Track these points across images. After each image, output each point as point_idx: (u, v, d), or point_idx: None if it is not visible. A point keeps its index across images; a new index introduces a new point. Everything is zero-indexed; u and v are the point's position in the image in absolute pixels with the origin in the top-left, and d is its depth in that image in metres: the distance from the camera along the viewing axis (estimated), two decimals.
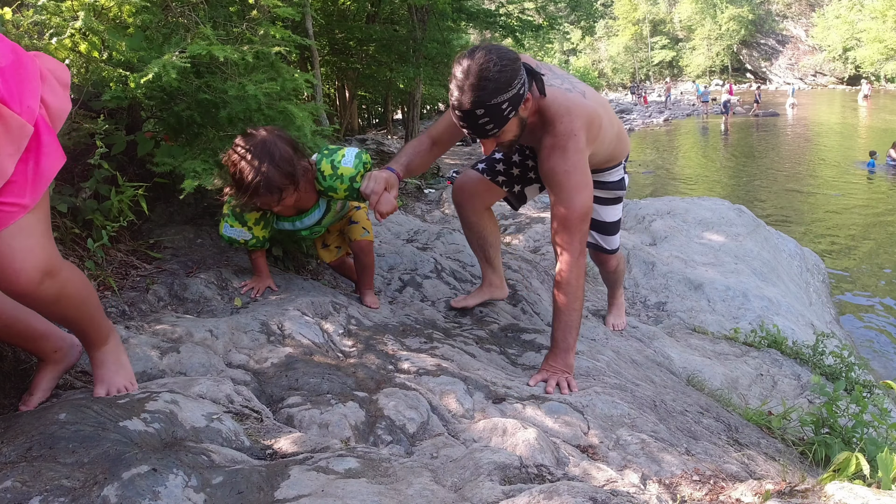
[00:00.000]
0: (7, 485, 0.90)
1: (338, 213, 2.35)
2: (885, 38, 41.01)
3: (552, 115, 1.94)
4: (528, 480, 1.10)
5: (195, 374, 1.60)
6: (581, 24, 17.63)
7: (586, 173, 1.97)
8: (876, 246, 9.02)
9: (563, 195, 1.94)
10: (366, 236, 2.40)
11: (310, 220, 2.25)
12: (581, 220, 1.95)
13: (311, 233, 2.33)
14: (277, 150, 1.94)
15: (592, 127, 1.98)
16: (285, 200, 2.01)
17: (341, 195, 2.12)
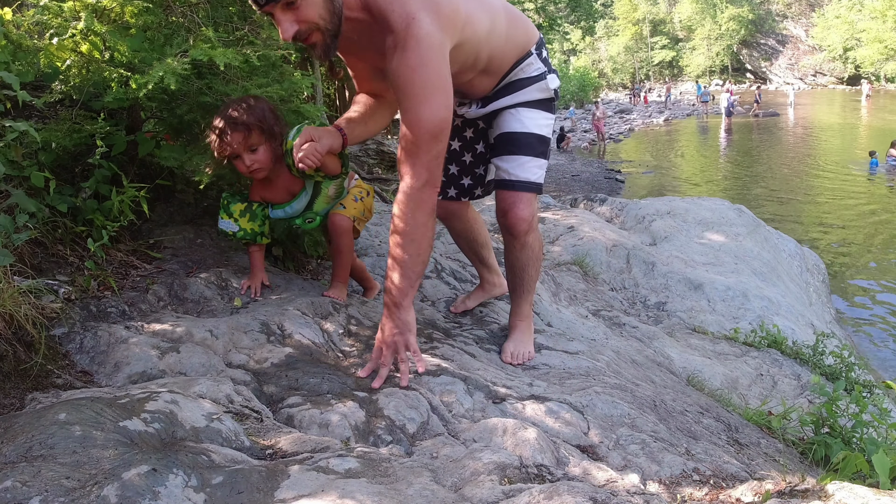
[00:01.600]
0: (7, 485, 0.90)
1: (332, 198, 2.23)
2: (885, 38, 41.00)
3: (382, 6, 1.56)
4: (528, 480, 1.10)
5: (195, 374, 1.60)
6: (581, 24, 17.64)
7: (440, 73, 1.56)
8: (876, 246, 9.01)
9: (406, 103, 1.56)
10: (341, 210, 2.22)
11: (298, 204, 2.18)
12: (430, 136, 1.56)
13: (304, 220, 2.22)
14: (253, 99, 1.98)
15: (442, 7, 1.57)
16: (258, 155, 1.97)
17: (295, 172, 2.02)
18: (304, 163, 1.84)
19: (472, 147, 2.27)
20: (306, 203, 2.20)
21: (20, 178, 1.96)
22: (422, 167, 1.60)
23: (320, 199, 2.20)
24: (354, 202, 2.28)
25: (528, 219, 2.02)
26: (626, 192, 12.64)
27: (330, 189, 2.21)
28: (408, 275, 1.65)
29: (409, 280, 1.65)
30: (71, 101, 2.30)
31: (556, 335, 2.43)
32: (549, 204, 6.11)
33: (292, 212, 2.21)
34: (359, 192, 2.31)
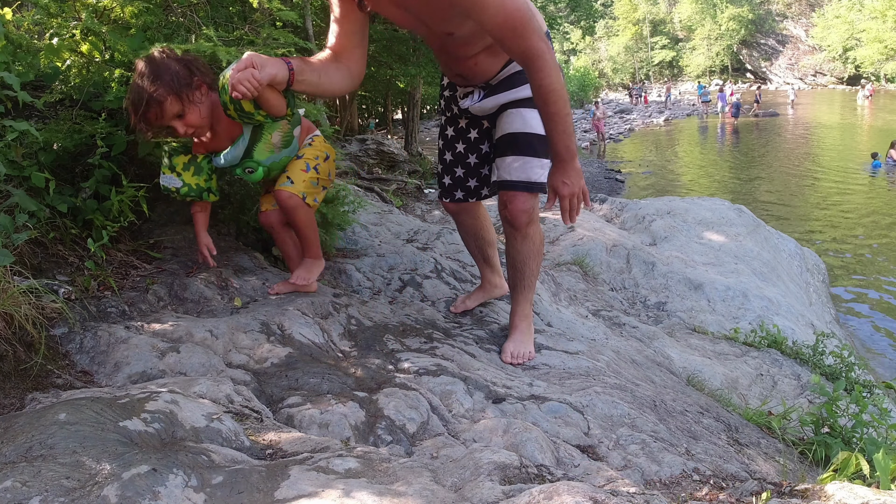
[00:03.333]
0: (7, 485, 0.90)
1: (276, 147, 1.99)
2: (885, 38, 41.02)
3: None
4: (528, 480, 1.10)
5: (195, 374, 1.60)
6: (581, 24, 17.64)
7: None
8: (876, 246, 9.01)
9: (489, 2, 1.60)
10: (287, 186, 2.01)
11: (236, 150, 1.97)
12: (526, 19, 1.64)
13: (244, 170, 1.99)
14: (153, 63, 1.80)
15: None
16: (188, 118, 1.84)
17: (232, 112, 1.84)
18: (238, 90, 1.66)
19: (476, 148, 2.27)
20: (244, 149, 1.97)
21: (20, 178, 1.96)
22: (539, 41, 1.67)
23: (261, 145, 1.97)
24: (304, 172, 2.05)
25: (528, 211, 2.07)
26: (626, 192, 12.64)
27: (273, 135, 1.98)
28: (571, 130, 1.83)
29: (571, 136, 1.84)
30: (71, 101, 2.30)
31: (556, 335, 2.43)
32: None
33: (231, 159, 1.98)
34: (314, 155, 2.10)
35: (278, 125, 1.96)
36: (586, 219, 5.11)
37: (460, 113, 2.24)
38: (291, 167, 2.06)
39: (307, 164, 2.06)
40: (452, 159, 2.31)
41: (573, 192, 1.86)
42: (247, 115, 1.84)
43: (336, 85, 1.88)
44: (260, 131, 1.95)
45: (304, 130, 2.10)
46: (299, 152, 2.07)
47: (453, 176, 2.31)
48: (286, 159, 2.02)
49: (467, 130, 2.27)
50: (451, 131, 2.30)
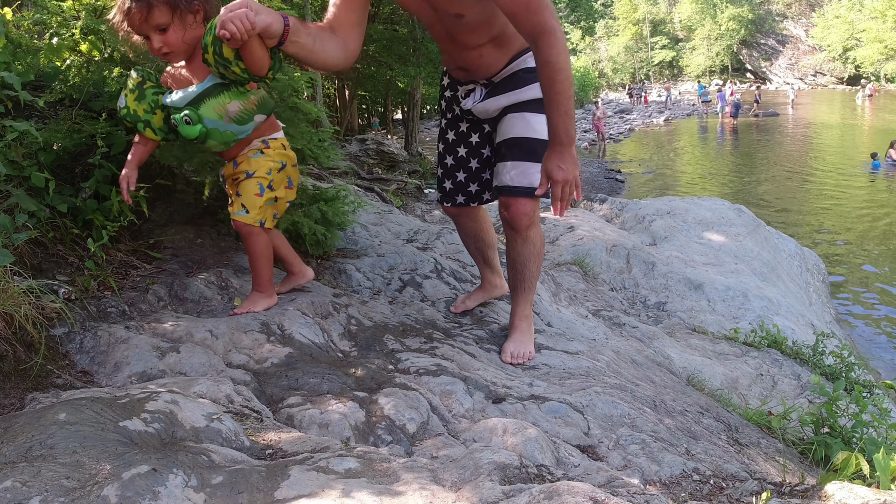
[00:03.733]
0: (7, 485, 0.90)
1: (228, 116, 1.79)
2: (885, 38, 41.02)
3: None
4: (528, 480, 1.10)
5: (195, 374, 1.60)
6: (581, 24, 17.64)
7: None
8: (877, 246, 9.01)
9: None
10: (242, 216, 1.88)
11: (186, 93, 1.78)
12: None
13: (182, 117, 1.79)
14: None
15: None
16: (167, 36, 1.69)
17: (210, 55, 1.68)
18: (227, 28, 1.53)
19: (478, 153, 2.24)
20: (195, 96, 1.78)
21: (20, 178, 1.96)
22: (551, 18, 1.65)
23: (213, 102, 1.78)
24: (258, 196, 1.88)
25: (529, 213, 2.06)
26: (626, 192, 12.64)
27: (232, 102, 1.80)
28: (571, 113, 1.76)
29: (573, 119, 1.77)
30: (71, 101, 2.30)
31: (556, 335, 2.43)
32: (549, 204, 6.10)
33: (178, 100, 1.79)
34: (265, 170, 1.91)
35: (246, 97, 1.80)
36: (586, 219, 5.11)
37: (462, 115, 2.20)
38: (244, 190, 1.89)
39: (260, 186, 1.89)
40: (454, 163, 2.27)
41: (567, 178, 1.80)
42: (224, 61, 1.67)
43: (330, 55, 1.76)
44: (221, 89, 1.77)
45: (267, 127, 1.94)
46: (250, 167, 1.88)
47: (454, 180, 2.28)
48: (230, 137, 1.82)
49: (468, 134, 2.24)
50: (453, 135, 2.27)
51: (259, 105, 1.85)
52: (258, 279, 2.02)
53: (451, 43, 1.97)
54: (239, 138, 1.87)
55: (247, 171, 1.90)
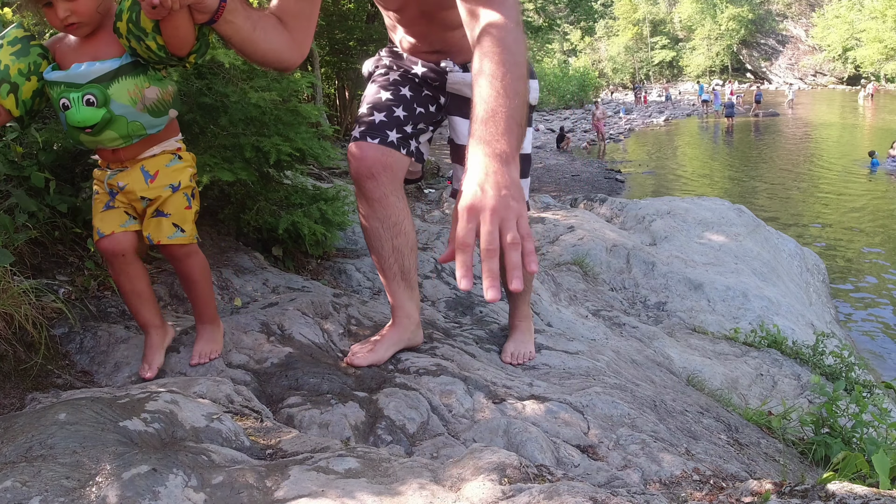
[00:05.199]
0: (7, 485, 0.90)
1: (140, 102, 1.45)
2: (885, 37, 41.03)
3: None
4: (528, 480, 1.10)
5: (195, 374, 1.60)
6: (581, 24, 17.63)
7: None
8: (877, 245, 9.02)
9: None
10: (180, 238, 1.57)
11: (91, 68, 1.41)
12: None
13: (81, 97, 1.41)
14: None
15: None
16: (76, 4, 1.37)
17: (124, 22, 1.37)
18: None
19: (425, 104, 1.82)
20: (107, 70, 1.42)
21: (20, 178, 1.96)
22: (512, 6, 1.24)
23: (127, 82, 1.44)
24: (188, 210, 1.59)
25: None
26: (626, 192, 12.64)
27: (150, 89, 1.48)
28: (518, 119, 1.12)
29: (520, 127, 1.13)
30: None
31: (556, 335, 2.43)
32: (549, 204, 6.12)
33: (80, 74, 1.42)
34: (188, 176, 1.62)
35: (165, 84, 1.50)
36: (586, 219, 5.11)
37: (420, 80, 1.80)
38: (173, 206, 1.56)
39: (187, 198, 1.60)
40: (392, 99, 1.77)
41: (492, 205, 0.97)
42: (139, 32, 1.37)
43: (273, 46, 1.46)
44: (140, 69, 1.45)
45: (172, 126, 1.62)
46: (173, 178, 1.56)
47: (390, 114, 1.75)
48: (137, 130, 1.48)
49: (421, 87, 1.81)
50: (397, 76, 1.81)
51: (175, 98, 1.55)
52: (206, 307, 1.70)
53: (429, 24, 1.69)
54: (147, 134, 1.51)
55: (171, 184, 1.56)
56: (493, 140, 1.05)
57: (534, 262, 0.98)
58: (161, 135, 1.56)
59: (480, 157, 1.04)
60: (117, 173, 1.55)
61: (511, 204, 0.98)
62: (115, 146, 1.50)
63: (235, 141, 2.37)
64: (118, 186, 1.55)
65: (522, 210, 1.01)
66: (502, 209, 0.97)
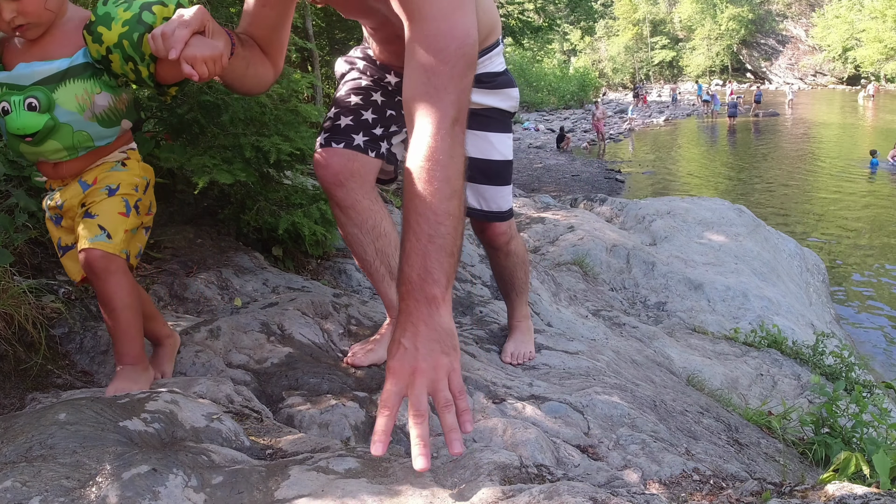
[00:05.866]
0: (7, 485, 0.90)
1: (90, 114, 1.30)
2: (885, 37, 41.04)
3: None
4: (528, 480, 1.10)
5: (195, 374, 1.60)
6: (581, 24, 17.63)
7: None
8: (877, 245, 9.01)
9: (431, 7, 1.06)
10: (102, 242, 1.32)
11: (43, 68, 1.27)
12: (463, 54, 1.05)
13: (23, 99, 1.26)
14: None
15: None
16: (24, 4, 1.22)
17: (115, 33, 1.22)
18: (199, 69, 1.17)
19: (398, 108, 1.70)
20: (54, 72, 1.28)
21: (20, 178, 1.96)
22: (450, 102, 1.05)
23: (75, 86, 1.29)
24: (124, 216, 1.36)
25: (506, 231, 1.90)
26: (626, 192, 12.64)
27: (101, 94, 1.31)
28: (449, 248, 0.99)
29: (451, 256, 0.99)
30: None
31: (556, 335, 2.43)
32: (549, 204, 6.12)
33: (17, 77, 1.28)
34: (131, 184, 1.41)
35: (118, 92, 1.33)
36: (586, 219, 5.11)
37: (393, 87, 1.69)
38: (103, 209, 1.34)
39: (126, 204, 1.37)
40: (361, 103, 1.68)
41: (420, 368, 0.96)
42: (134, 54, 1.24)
43: (260, 81, 1.42)
44: (91, 73, 1.30)
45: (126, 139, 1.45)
46: (111, 181, 1.37)
47: (358, 117, 1.65)
48: (84, 141, 1.32)
49: (394, 95, 1.70)
50: (370, 82, 1.71)
51: (128, 108, 1.38)
52: (130, 342, 1.40)
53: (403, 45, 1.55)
54: (95, 146, 1.35)
55: (107, 185, 1.37)
56: (419, 282, 0.97)
57: (468, 423, 0.97)
58: (110, 147, 1.39)
59: (407, 305, 0.98)
60: (56, 193, 1.38)
61: (440, 361, 0.95)
62: (57, 159, 1.33)
63: (235, 141, 2.37)
64: (58, 207, 1.38)
65: (454, 363, 0.96)
66: (430, 370, 0.94)
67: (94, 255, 1.30)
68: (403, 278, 1.00)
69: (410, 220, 1.01)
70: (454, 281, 1.06)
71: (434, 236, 0.98)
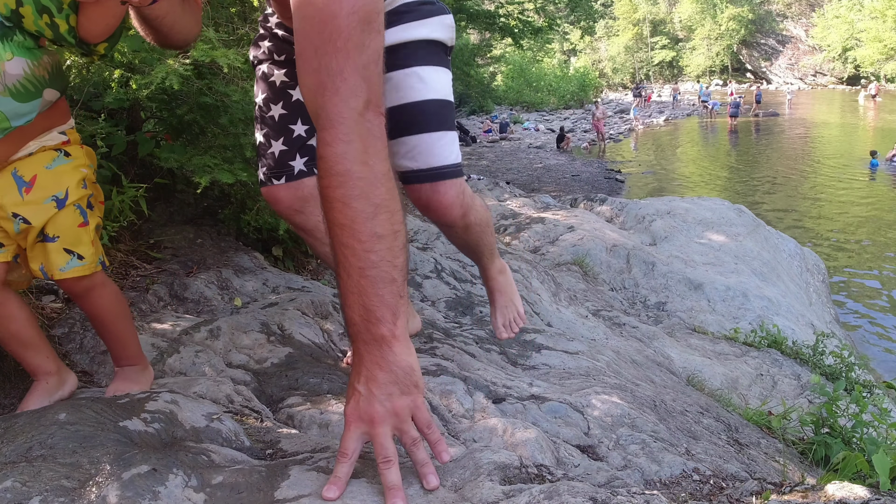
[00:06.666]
0: (7, 485, 0.90)
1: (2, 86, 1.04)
2: (885, 37, 41.04)
3: None
4: (528, 480, 1.10)
5: (195, 374, 1.60)
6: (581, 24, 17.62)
7: None
8: (877, 245, 9.01)
9: None
10: (77, 268, 1.20)
11: None
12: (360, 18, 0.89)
13: None
14: None
15: None
16: None
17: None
18: None
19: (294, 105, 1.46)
20: None
21: None
22: (350, 89, 0.88)
23: None
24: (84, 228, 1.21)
25: (456, 202, 1.41)
26: (626, 192, 12.64)
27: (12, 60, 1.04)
28: (387, 276, 0.89)
29: (393, 284, 0.89)
30: (71, 102, 2.30)
31: (556, 335, 2.43)
32: (549, 204, 6.12)
33: None
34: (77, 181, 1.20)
35: (36, 55, 1.08)
36: (586, 219, 5.11)
37: None
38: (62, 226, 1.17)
39: (81, 211, 1.20)
40: (285, 113, 1.45)
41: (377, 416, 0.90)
42: (50, 3, 1.04)
43: (191, 31, 1.23)
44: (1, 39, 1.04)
45: (59, 113, 1.20)
46: (57, 187, 1.17)
47: (289, 136, 1.45)
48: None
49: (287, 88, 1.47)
50: (283, 75, 1.45)
51: (52, 73, 1.12)
52: (124, 346, 1.33)
53: None
54: (12, 126, 1.10)
55: (54, 195, 1.15)
56: (363, 323, 0.89)
57: (444, 453, 0.94)
58: (37, 126, 1.15)
59: (357, 348, 0.91)
60: None
61: (400, 404, 0.89)
62: None
63: (236, 141, 2.37)
64: None
65: (416, 401, 0.91)
66: (390, 416, 0.89)
67: (73, 283, 1.22)
68: (347, 321, 0.92)
69: (337, 253, 0.90)
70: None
71: (365, 269, 0.87)
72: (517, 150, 17.62)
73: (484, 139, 20.47)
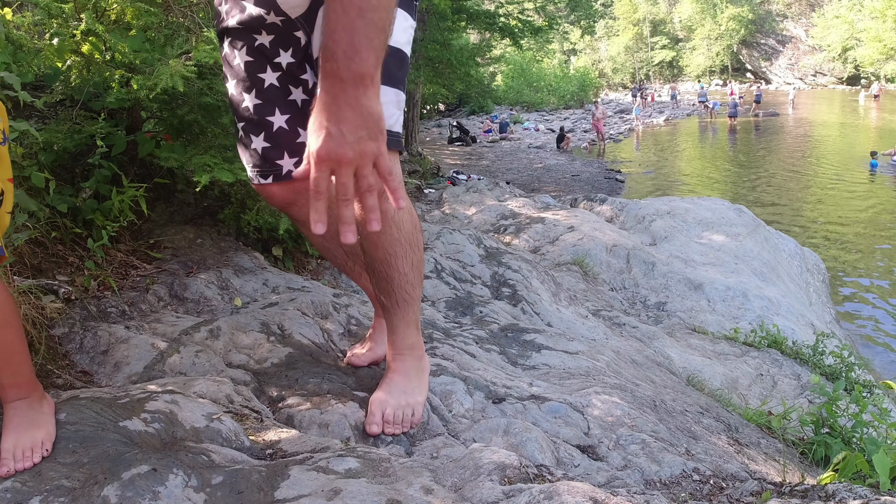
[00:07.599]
0: (7, 485, 0.90)
1: None
2: (885, 37, 41.03)
3: None
4: (528, 480, 1.10)
5: (195, 374, 1.60)
6: (581, 24, 17.62)
7: None
8: (877, 245, 9.01)
9: None
10: None
11: None
12: None
13: None
14: None
15: None
16: None
17: None
18: None
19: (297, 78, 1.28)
20: None
21: (20, 178, 1.97)
22: None
23: None
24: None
25: None
26: (626, 192, 12.64)
27: None
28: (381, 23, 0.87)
29: (383, 33, 0.88)
30: (71, 102, 2.30)
31: (556, 335, 2.43)
32: (549, 204, 6.12)
33: None
34: None
35: None
36: (586, 219, 5.11)
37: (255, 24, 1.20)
38: None
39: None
40: (261, 102, 1.28)
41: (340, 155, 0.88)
42: None
43: None
44: None
45: None
46: None
47: (269, 131, 1.30)
48: None
49: (275, 51, 1.23)
50: (246, 54, 1.25)
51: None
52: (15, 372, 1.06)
53: None
54: None
55: None
56: (345, 59, 0.85)
57: (401, 199, 0.91)
58: None
59: (330, 85, 0.87)
60: None
61: (367, 148, 0.88)
62: None
63: (236, 141, 2.37)
64: None
65: (381, 148, 0.89)
66: (357, 158, 0.87)
67: None
68: (327, 55, 0.87)
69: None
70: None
71: (365, 10, 0.85)
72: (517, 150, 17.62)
73: (484, 139, 20.49)
